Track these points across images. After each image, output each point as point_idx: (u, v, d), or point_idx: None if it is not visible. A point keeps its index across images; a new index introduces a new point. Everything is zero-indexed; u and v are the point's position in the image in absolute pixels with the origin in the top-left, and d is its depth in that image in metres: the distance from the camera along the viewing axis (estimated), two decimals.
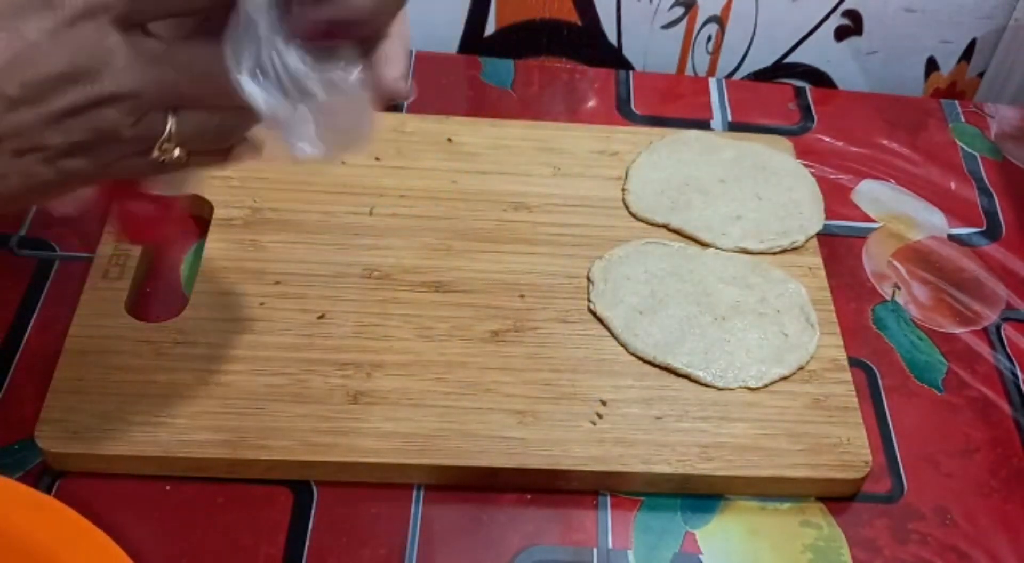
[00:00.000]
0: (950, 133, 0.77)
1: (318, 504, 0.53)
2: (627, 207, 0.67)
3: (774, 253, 0.65)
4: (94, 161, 0.39)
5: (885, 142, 0.76)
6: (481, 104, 0.75)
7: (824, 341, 0.60)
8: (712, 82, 0.79)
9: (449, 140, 0.69)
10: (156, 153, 0.39)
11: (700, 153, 0.70)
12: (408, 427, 0.54)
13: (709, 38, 0.83)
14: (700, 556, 0.53)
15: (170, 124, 0.39)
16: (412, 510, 0.53)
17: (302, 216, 0.63)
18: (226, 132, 0.41)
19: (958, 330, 0.64)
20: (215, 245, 0.62)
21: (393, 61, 0.40)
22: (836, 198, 0.70)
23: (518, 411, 0.55)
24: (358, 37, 0.39)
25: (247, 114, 0.39)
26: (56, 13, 0.35)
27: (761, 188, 0.68)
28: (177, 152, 0.40)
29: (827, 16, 0.81)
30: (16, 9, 0.35)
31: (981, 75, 0.85)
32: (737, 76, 0.85)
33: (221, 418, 0.54)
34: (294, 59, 0.38)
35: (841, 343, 0.60)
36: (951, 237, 0.69)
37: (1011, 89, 0.84)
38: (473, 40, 0.82)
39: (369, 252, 0.62)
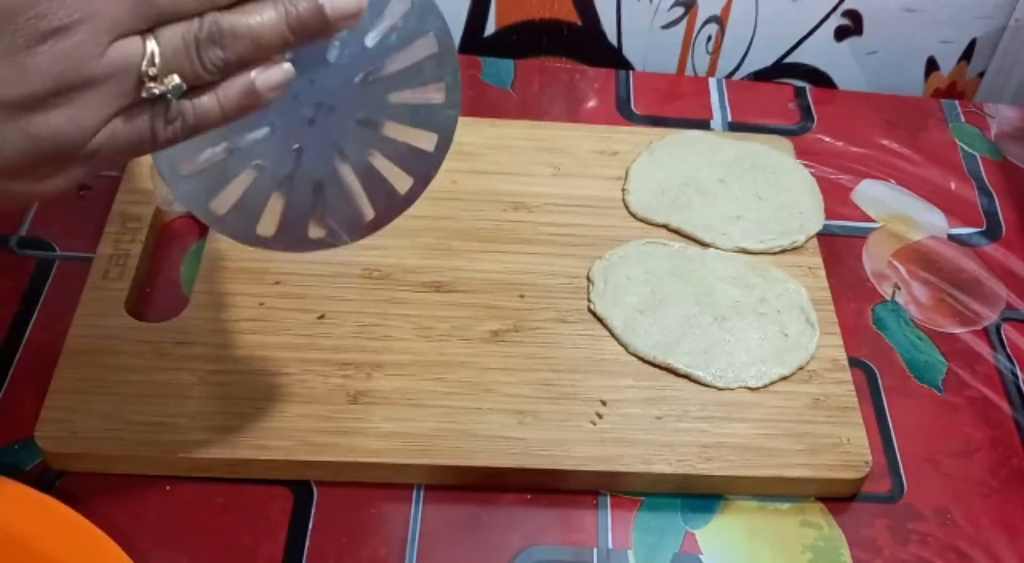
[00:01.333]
0: (950, 133, 0.77)
1: (318, 504, 0.53)
2: (627, 207, 0.67)
3: (774, 253, 0.65)
4: (70, 119, 0.34)
5: (885, 142, 0.76)
6: (481, 104, 0.75)
7: (824, 341, 0.60)
8: (712, 82, 0.79)
9: None
10: (147, 86, 0.34)
11: (700, 153, 0.70)
12: (408, 427, 0.54)
13: (709, 38, 0.83)
14: (700, 556, 0.53)
15: (149, 44, 0.34)
16: (412, 510, 0.53)
17: None
18: (223, 44, 0.35)
19: (958, 330, 0.64)
20: (215, 245, 0.62)
21: None
22: (836, 198, 0.70)
23: (518, 411, 0.55)
24: None
25: (248, 12, 0.35)
26: None
27: (761, 188, 0.68)
28: (172, 79, 0.34)
29: (827, 16, 0.81)
30: None
31: (981, 75, 0.85)
32: (737, 76, 0.85)
33: (221, 418, 0.54)
34: None
35: (841, 343, 0.60)
36: (951, 237, 0.69)
37: (1011, 89, 0.84)
38: (473, 40, 0.82)
39: (369, 252, 0.62)
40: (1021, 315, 0.65)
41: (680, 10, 0.81)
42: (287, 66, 0.37)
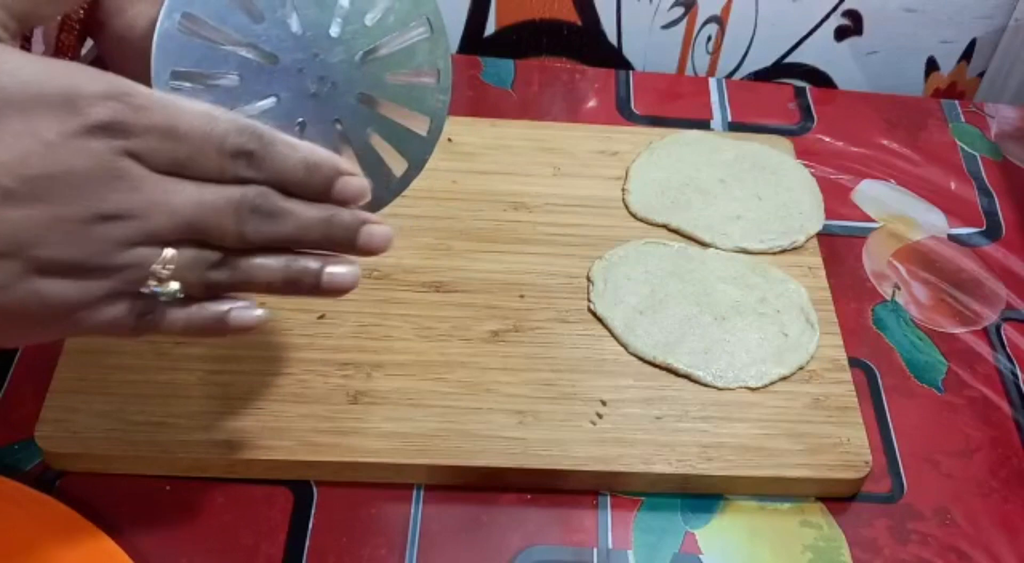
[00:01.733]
0: (950, 133, 0.77)
1: (318, 504, 0.53)
2: (627, 207, 0.67)
3: (774, 253, 0.65)
4: (77, 290, 0.37)
5: (885, 142, 0.76)
6: (481, 104, 0.75)
7: (824, 341, 0.60)
8: (712, 82, 0.79)
9: (449, 140, 0.69)
10: (150, 283, 0.38)
11: (700, 153, 0.70)
12: (408, 427, 0.54)
13: (709, 38, 0.83)
14: (700, 556, 0.53)
15: (167, 251, 0.38)
16: (412, 510, 0.53)
17: None
18: (227, 274, 0.39)
19: (958, 330, 0.64)
20: None
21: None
22: (836, 198, 0.70)
23: (518, 411, 0.55)
24: None
25: (261, 259, 0.39)
26: (78, 119, 0.34)
27: (761, 188, 0.68)
28: (172, 286, 0.38)
29: (827, 16, 0.81)
30: (36, 104, 0.34)
31: (981, 75, 0.85)
32: (737, 76, 0.85)
33: (221, 418, 0.54)
34: None
35: (841, 343, 0.60)
36: (951, 237, 0.69)
37: (1011, 89, 0.84)
38: (473, 40, 0.82)
39: None
40: (1021, 315, 0.65)
41: (680, 10, 0.81)
42: (261, 313, 0.41)
